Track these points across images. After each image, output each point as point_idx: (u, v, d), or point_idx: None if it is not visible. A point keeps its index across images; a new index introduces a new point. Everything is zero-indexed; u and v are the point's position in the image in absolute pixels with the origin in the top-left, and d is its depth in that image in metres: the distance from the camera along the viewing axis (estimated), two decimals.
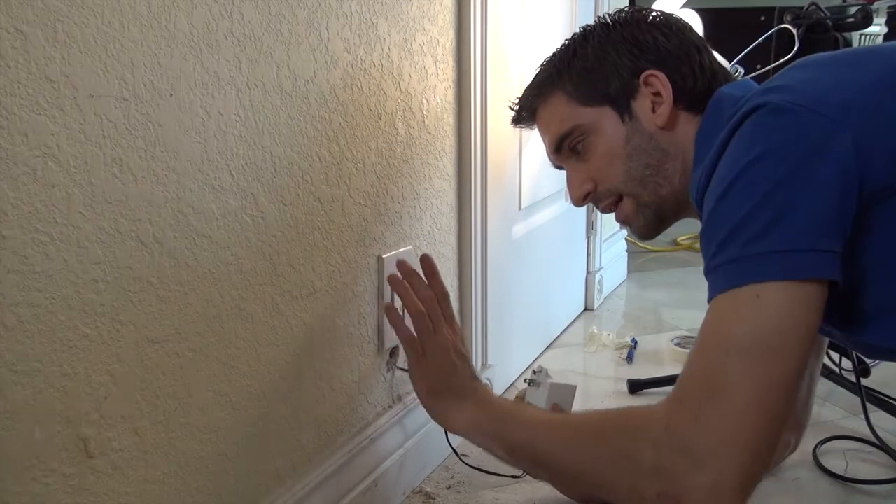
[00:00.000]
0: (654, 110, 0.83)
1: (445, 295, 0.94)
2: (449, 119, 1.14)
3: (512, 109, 0.96)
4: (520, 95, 0.95)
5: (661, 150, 0.83)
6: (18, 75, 0.52)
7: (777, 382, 0.61)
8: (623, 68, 0.84)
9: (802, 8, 1.49)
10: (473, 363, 1.20)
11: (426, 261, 0.94)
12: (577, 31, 0.91)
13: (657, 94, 0.83)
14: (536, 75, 0.92)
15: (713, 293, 0.65)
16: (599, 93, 0.85)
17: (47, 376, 0.56)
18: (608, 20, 0.88)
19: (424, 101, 1.06)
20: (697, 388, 0.64)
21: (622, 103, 0.84)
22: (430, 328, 0.90)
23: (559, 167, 0.94)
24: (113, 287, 0.60)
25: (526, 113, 0.94)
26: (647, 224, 0.87)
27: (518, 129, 0.99)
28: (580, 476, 0.73)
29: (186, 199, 0.67)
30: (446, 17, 1.10)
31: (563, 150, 0.89)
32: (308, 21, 0.80)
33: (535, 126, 0.94)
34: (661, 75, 0.82)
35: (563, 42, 0.92)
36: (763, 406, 0.61)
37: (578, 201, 0.90)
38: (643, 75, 0.83)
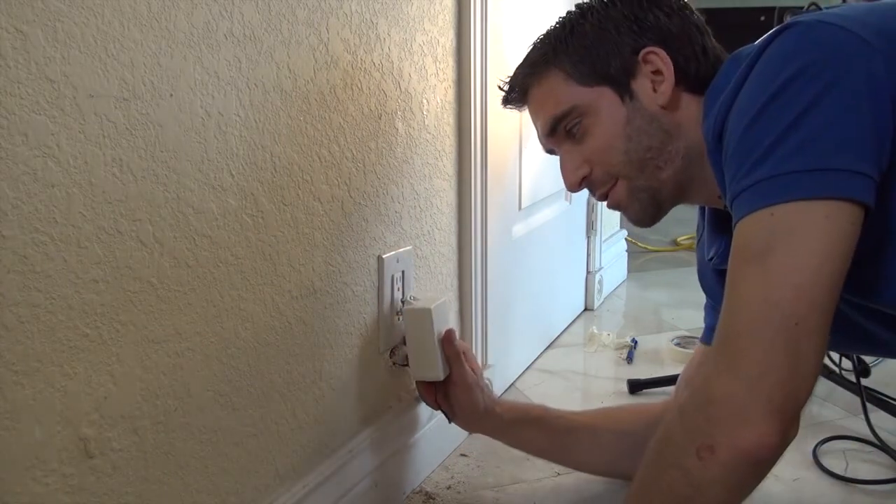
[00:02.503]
0: (654, 90, 0.79)
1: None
2: (449, 119, 1.14)
3: (501, 89, 0.91)
4: (510, 74, 0.90)
5: (663, 132, 0.79)
6: (18, 75, 0.52)
7: (789, 297, 0.58)
8: (623, 46, 0.80)
9: (802, 8, 1.49)
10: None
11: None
12: (574, 7, 0.86)
13: (657, 72, 0.79)
14: (530, 53, 0.87)
15: (738, 215, 0.62)
16: (598, 72, 0.81)
17: (47, 376, 0.56)
18: None
19: (424, 101, 1.06)
20: (718, 330, 0.62)
21: (622, 83, 0.80)
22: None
23: (551, 151, 0.89)
24: (113, 287, 0.60)
25: (517, 93, 0.88)
26: (643, 209, 0.82)
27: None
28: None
29: (186, 199, 0.67)
30: (446, 17, 1.10)
31: (558, 132, 0.84)
32: (308, 21, 0.80)
33: (526, 107, 0.89)
34: (663, 53, 0.79)
35: (558, 19, 0.86)
36: (773, 324, 0.58)
37: (573, 186, 0.85)
38: (643, 52, 0.80)
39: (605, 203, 0.86)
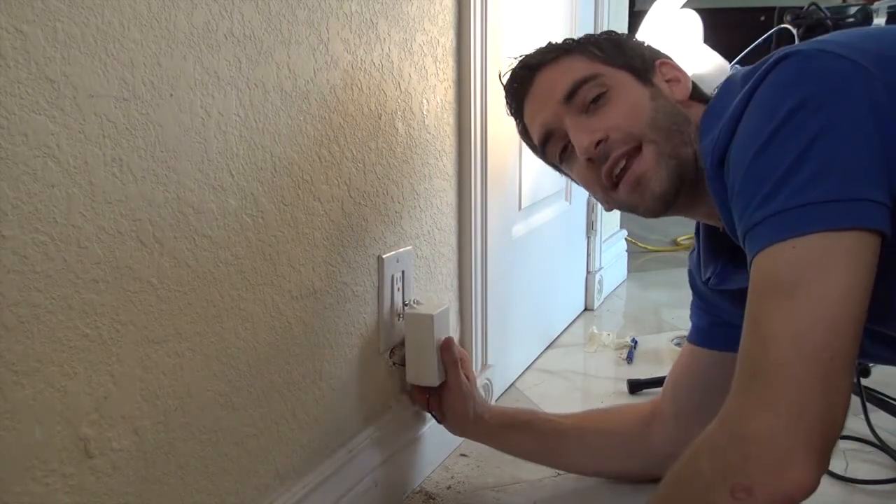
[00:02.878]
0: (671, 89, 0.82)
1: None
2: (449, 119, 1.13)
3: (510, 58, 0.88)
4: (522, 54, 0.89)
5: (683, 116, 0.79)
6: (18, 75, 0.52)
7: (821, 329, 0.57)
8: (643, 51, 0.85)
9: (802, 8, 1.49)
10: (473, 364, 1.22)
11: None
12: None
13: (673, 79, 0.83)
14: (548, 44, 0.87)
15: (755, 248, 0.62)
16: (622, 60, 0.83)
17: (47, 376, 0.56)
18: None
19: (424, 101, 1.06)
20: (743, 362, 0.60)
21: (643, 75, 0.82)
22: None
23: (550, 133, 0.84)
24: (113, 287, 0.60)
25: (528, 70, 0.86)
26: (669, 179, 0.76)
27: (509, 115, 0.93)
28: None
29: (186, 199, 0.67)
30: (446, 17, 1.10)
31: (576, 100, 0.80)
32: (308, 21, 0.80)
33: (529, 87, 0.86)
34: (676, 63, 0.83)
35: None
36: (808, 359, 0.57)
37: (589, 148, 0.78)
38: (658, 61, 0.84)
39: (621, 177, 0.79)
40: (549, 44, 0.88)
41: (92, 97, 0.57)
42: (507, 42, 1.29)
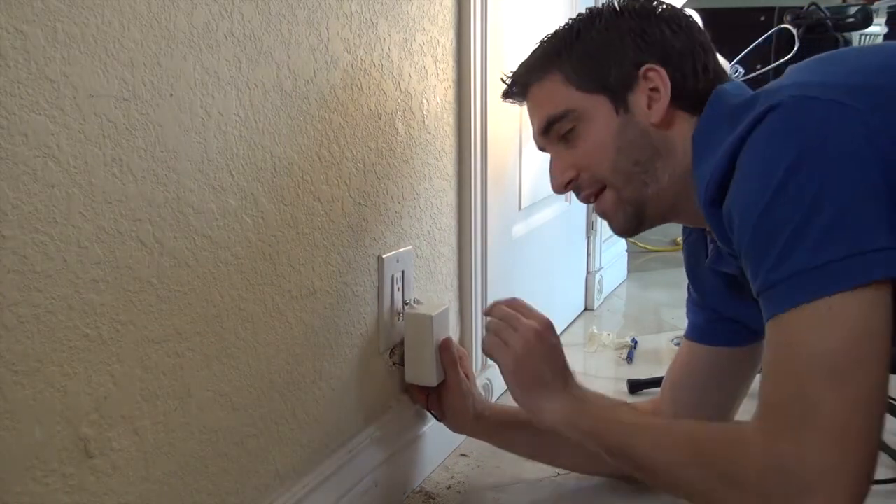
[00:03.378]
0: (649, 106, 0.80)
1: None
2: (449, 119, 1.14)
3: (504, 82, 0.92)
4: (514, 70, 0.91)
5: (652, 148, 0.80)
6: (18, 75, 0.52)
7: (869, 397, 0.60)
8: (625, 58, 0.81)
9: (802, 8, 1.50)
10: (473, 363, 1.22)
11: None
12: (584, 11, 0.87)
13: (655, 89, 0.80)
14: (534, 51, 0.89)
15: (776, 310, 0.63)
16: (597, 80, 0.82)
17: (47, 376, 0.56)
18: (617, 6, 0.85)
19: (424, 101, 1.06)
20: (787, 414, 0.62)
21: (619, 94, 0.81)
22: (516, 325, 0.92)
23: (542, 149, 0.90)
24: (113, 287, 0.60)
25: (518, 88, 0.90)
26: (626, 221, 0.84)
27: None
28: (677, 484, 0.72)
29: (186, 199, 0.67)
30: (446, 17, 1.10)
31: (552, 133, 0.85)
32: (308, 21, 0.80)
33: (525, 102, 0.90)
34: (662, 71, 0.80)
35: (567, 21, 0.88)
36: (860, 424, 0.60)
37: (560, 188, 0.86)
38: (644, 68, 0.80)
39: (591, 205, 0.87)
40: (537, 47, 0.88)
41: (92, 97, 0.57)
42: (507, 42, 1.29)
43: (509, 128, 1.34)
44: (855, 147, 0.61)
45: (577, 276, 1.91)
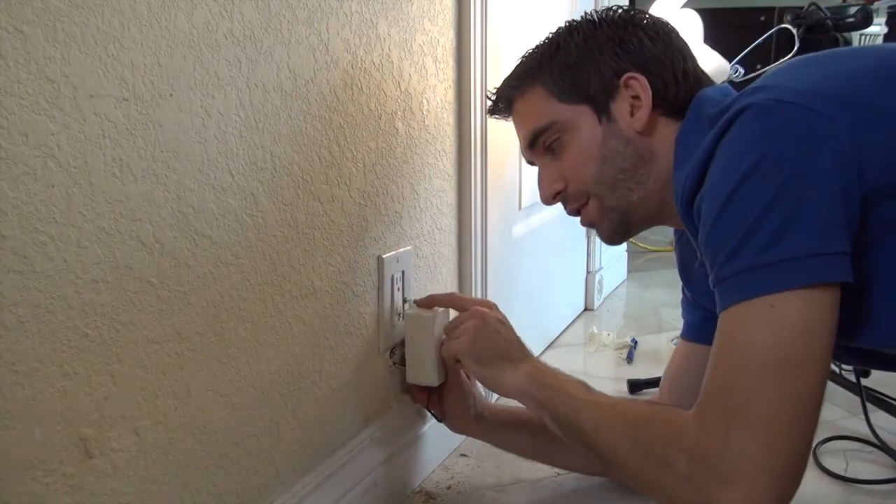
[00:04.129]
0: (632, 114, 0.81)
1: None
2: (449, 119, 1.14)
3: (489, 99, 0.94)
4: (497, 86, 0.93)
5: (636, 155, 0.82)
6: (18, 75, 0.52)
7: (802, 396, 0.61)
8: (605, 67, 0.82)
9: (802, 8, 1.50)
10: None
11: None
12: (563, 24, 0.89)
13: (636, 97, 0.81)
14: (516, 67, 0.90)
15: (725, 304, 0.64)
16: (579, 91, 0.83)
17: (47, 376, 0.56)
18: (595, 17, 0.86)
19: (424, 101, 1.06)
20: (721, 405, 0.64)
21: (601, 104, 0.82)
22: (462, 317, 0.96)
23: (531, 163, 0.92)
24: (113, 287, 0.60)
25: (503, 104, 0.92)
26: (613, 228, 0.86)
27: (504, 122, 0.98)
28: (616, 461, 0.74)
29: (186, 199, 0.67)
30: (446, 17, 1.10)
31: (538, 146, 0.87)
32: (308, 21, 0.80)
33: (511, 118, 0.92)
34: (643, 79, 0.81)
35: (547, 35, 0.89)
36: (790, 422, 0.61)
37: (548, 200, 0.89)
38: (624, 77, 0.82)
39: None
40: (521, 61, 0.90)
41: (92, 97, 0.57)
42: (507, 42, 1.29)
43: (509, 128, 1.34)
44: (817, 154, 0.62)
45: (577, 276, 1.92)
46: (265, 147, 0.76)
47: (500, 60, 1.25)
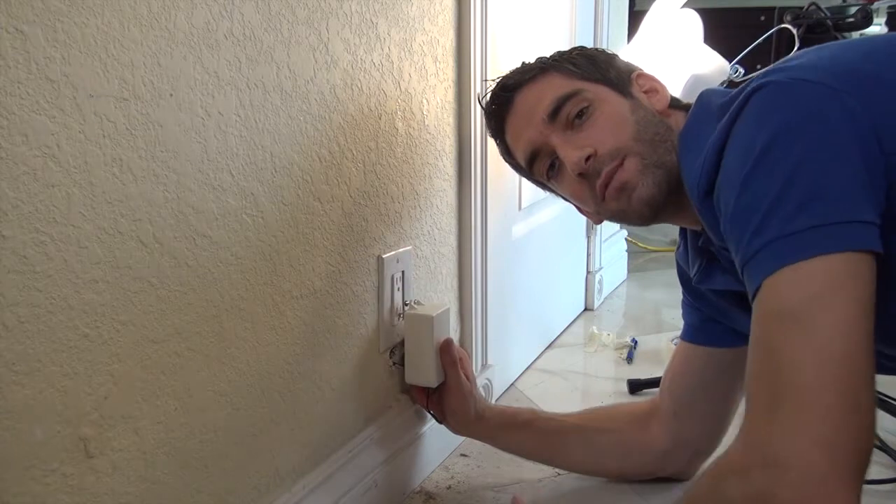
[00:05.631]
0: (650, 99, 0.83)
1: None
2: (449, 119, 1.14)
3: (487, 84, 0.89)
4: (498, 78, 0.90)
5: (664, 125, 0.80)
6: (18, 75, 0.52)
7: (840, 352, 0.56)
8: (619, 63, 0.86)
9: (802, 8, 1.50)
10: (473, 364, 1.22)
11: None
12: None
13: (652, 90, 0.84)
14: (523, 65, 0.89)
15: (756, 281, 0.61)
16: (599, 74, 0.84)
17: (47, 376, 0.56)
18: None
19: (424, 101, 1.06)
20: (761, 386, 0.59)
21: (621, 87, 0.83)
22: None
23: (535, 153, 0.86)
24: (113, 287, 0.60)
25: (507, 91, 0.87)
26: (656, 185, 0.77)
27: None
28: None
29: (186, 199, 0.67)
30: (446, 17, 1.10)
31: (560, 116, 0.81)
32: (308, 21, 0.80)
33: (510, 107, 0.87)
34: (652, 75, 0.84)
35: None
36: (834, 382, 0.55)
37: (580, 163, 0.78)
38: (635, 73, 0.85)
39: (607, 190, 0.79)
40: (524, 64, 0.90)
41: (92, 97, 0.57)
42: (506, 42, 1.29)
43: None
44: (836, 126, 0.61)
45: (577, 276, 1.91)
46: (265, 147, 0.76)
47: (499, 60, 1.25)
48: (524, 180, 1.44)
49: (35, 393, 0.55)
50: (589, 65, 0.85)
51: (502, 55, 1.26)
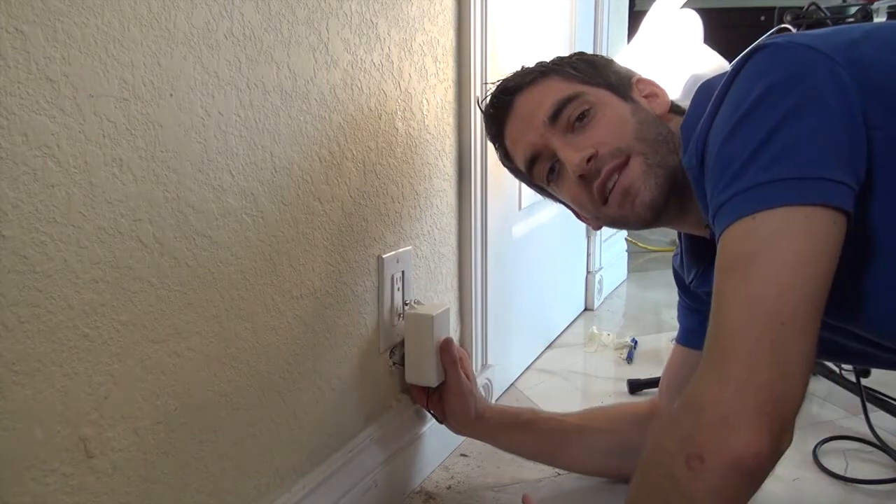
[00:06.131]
0: (650, 104, 0.83)
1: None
2: (449, 119, 1.13)
3: (487, 84, 0.91)
4: (497, 81, 0.90)
5: (666, 127, 0.80)
6: (18, 75, 0.52)
7: (773, 297, 0.56)
8: (617, 68, 0.86)
9: (802, 8, 1.49)
10: (473, 363, 1.22)
11: None
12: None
13: (652, 94, 0.84)
14: (523, 68, 0.89)
15: (721, 227, 0.61)
16: (600, 78, 0.84)
17: (47, 376, 0.56)
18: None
19: (424, 101, 1.06)
20: (708, 338, 0.60)
21: (622, 91, 0.84)
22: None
23: (530, 177, 0.88)
24: (113, 287, 0.60)
25: (506, 94, 0.87)
26: (658, 186, 0.77)
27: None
28: None
29: (186, 199, 0.67)
30: (446, 17, 1.10)
31: (561, 119, 0.81)
32: (308, 21, 0.80)
33: (509, 111, 0.87)
34: (651, 80, 0.84)
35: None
36: (758, 325, 0.56)
37: (581, 164, 0.78)
38: (635, 78, 0.85)
39: (612, 190, 0.79)
40: (524, 68, 0.90)
41: (92, 97, 0.57)
42: (507, 42, 1.29)
43: None
44: (823, 89, 0.61)
45: (577, 276, 1.91)
46: (265, 147, 0.76)
47: (499, 60, 1.25)
48: None
49: (35, 393, 0.55)
50: (589, 68, 0.85)
51: (502, 55, 1.26)
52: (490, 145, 1.22)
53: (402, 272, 1.03)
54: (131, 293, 0.62)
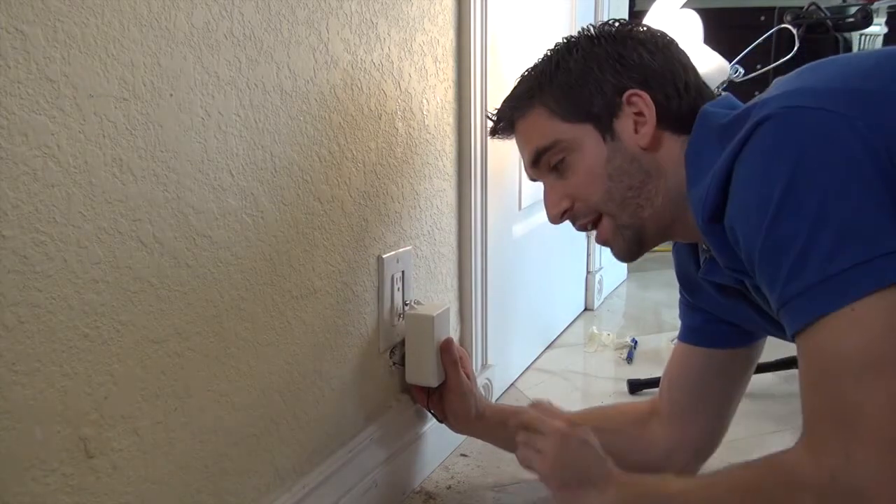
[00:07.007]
0: (636, 130, 0.80)
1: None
2: (449, 119, 1.13)
3: (490, 119, 0.92)
4: (498, 106, 0.91)
5: (643, 172, 0.80)
6: (18, 75, 0.52)
7: None
8: (606, 85, 0.81)
9: (802, 8, 1.50)
10: (473, 363, 1.22)
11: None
12: (561, 41, 0.87)
13: (640, 113, 0.80)
14: (516, 87, 0.89)
15: (800, 323, 0.62)
16: (581, 110, 0.82)
17: (47, 376, 0.56)
18: (593, 33, 0.84)
19: (424, 101, 1.06)
20: (830, 425, 0.61)
21: (604, 122, 0.81)
22: (543, 430, 0.89)
23: (534, 180, 0.90)
24: (113, 287, 0.60)
25: (504, 124, 0.90)
26: (627, 246, 0.84)
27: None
28: None
29: (186, 199, 0.67)
30: (446, 17, 1.10)
31: (542, 165, 0.85)
32: (308, 21, 0.80)
33: (514, 136, 0.90)
34: (645, 95, 0.79)
35: (545, 53, 0.87)
36: None
37: (555, 219, 0.86)
38: (626, 94, 0.80)
39: (591, 234, 0.86)
40: (521, 77, 0.88)
41: (92, 97, 0.57)
42: (507, 42, 1.29)
43: None
44: (849, 153, 0.61)
45: (577, 276, 1.91)
46: (265, 147, 0.76)
47: (500, 60, 1.25)
48: (524, 180, 1.45)
49: (35, 393, 0.55)
50: (573, 98, 0.82)
51: (502, 55, 1.26)
52: (490, 145, 1.23)
53: (402, 272, 1.03)
54: (131, 293, 0.62)
